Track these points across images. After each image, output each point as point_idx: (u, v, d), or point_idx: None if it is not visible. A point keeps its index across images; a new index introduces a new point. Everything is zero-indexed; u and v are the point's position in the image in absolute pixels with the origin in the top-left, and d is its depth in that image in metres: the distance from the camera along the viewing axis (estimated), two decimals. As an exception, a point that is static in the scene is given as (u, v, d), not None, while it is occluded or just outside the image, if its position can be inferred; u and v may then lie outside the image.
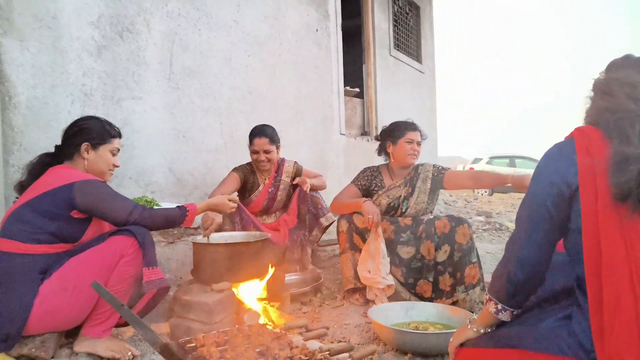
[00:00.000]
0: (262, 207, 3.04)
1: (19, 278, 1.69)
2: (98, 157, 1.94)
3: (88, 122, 1.96)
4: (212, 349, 1.24)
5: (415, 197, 2.70)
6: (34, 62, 2.43)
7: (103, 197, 1.81)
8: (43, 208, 1.75)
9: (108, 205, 1.80)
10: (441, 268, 2.49)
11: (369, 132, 6.33)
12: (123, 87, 2.93)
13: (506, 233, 4.90)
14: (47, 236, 1.75)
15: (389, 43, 6.79)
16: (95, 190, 1.81)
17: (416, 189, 2.71)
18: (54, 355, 1.78)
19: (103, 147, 1.95)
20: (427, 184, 2.71)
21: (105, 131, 1.96)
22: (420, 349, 1.83)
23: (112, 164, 2.00)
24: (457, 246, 2.45)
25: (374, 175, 2.81)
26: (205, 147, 3.56)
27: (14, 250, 1.72)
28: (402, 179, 2.75)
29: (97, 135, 1.93)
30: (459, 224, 2.48)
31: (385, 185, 2.76)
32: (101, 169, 1.96)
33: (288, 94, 4.50)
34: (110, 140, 1.97)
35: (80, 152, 1.91)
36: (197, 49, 3.47)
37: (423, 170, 2.75)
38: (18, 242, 1.72)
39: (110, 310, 1.78)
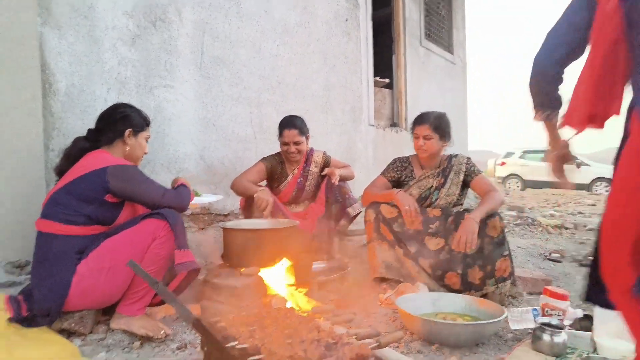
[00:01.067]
0: (290, 197, 3.06)
1: (58, 257, 1.77)
2: (137, 144, 2.05)
3: (129, 110, 2.05)
4: (241, 329, 1.27)
5: (447, 189, 2.65)
6: (72, 51, 2.51)
7: (137, 181, 1.88)
8: (78, 191, 1.82)
9: (143, 189, 1.88)
10: (470, 261, 2.44)
11: (398, 124, 6.26)
12: (155, 76, 2.99)
13: (539, 228, 4.77)
14: (83, 218, 1.82)
15: (420, 33, 6.67)
16: (129, 174, 1.88)
17: (448, 180, 2.65)
18: (91, 330, 1.86)
19: (141, 134, 2.06)
20: (460, 177, 2.65)
21: (143, 119, 2.08)
22: (448, 340, 1.81)
23: (144, 151, 2.11)
24: (488, 239, 2.40)
25: (404, 166, 2.77)
26: (235, 136, 3.60)
27: (53, 231, 1.79)
28: (432, 169, 2.70)
29: (138, 123, 2.04)
30: (490, 216, 2.43)
31: (416, 176, 2.72)
32: (138, 154, 2.07)
33: (317, 84, 4.49)
34: (146, 128, 2.09)
35: (123, 138, 1.99)
36: (228, 38, 3.51)
37: (457, 162, 2.69)
38: (56, 224, 1.80)
39: (144, 290, 1.85)
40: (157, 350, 1.78)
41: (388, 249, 2.57)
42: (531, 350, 1.76)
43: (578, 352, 1.75)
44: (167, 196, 1.92)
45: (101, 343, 1.81)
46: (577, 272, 3.13)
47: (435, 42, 7.27)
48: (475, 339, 1.82)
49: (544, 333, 1.73)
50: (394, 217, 2.55)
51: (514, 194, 10.04)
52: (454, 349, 1.79)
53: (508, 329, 1.99)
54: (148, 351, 1.77)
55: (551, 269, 3.23)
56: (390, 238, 2.57)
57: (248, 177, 2.85)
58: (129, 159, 2.01)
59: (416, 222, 2.55)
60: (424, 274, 2.51)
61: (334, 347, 1.16)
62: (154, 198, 1.89)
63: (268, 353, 1.11)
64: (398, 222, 2.55)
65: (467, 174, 2.65)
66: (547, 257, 3.52)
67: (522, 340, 1.89)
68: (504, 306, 2.18)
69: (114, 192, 1.84)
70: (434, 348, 1.80)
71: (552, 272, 3.12)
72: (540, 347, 1.73)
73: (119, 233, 1.84)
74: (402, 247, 2.56)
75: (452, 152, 2.78)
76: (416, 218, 2.51)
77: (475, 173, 2.66)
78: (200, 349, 1.65)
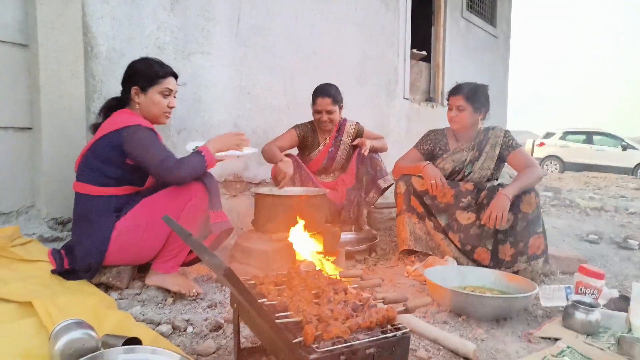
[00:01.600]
0: (321, 166, 3.07)
1: (96, 217, 1.84)
2: (148, 101, 1.90)
3: (136, 65, 1.93)
4: (270, 287, 1.29)
5: (481, 162, 2.58)
6: (113, 15, 2.55)
7: (141, 144, 1.80)
8: (100, 153, 1.83)
9: (144, 152, 1.80)
10: (502, 237, 2.40)
11: (434, 98, 6.12)
12: (193, 42, 3.01)
13: (576, 210, 4.61)
14: (112, 180, 1.86)
15: (462, 4, 6.42)
16: (136, 136, 1.80)
17: (483, 154, 2.58)
18: (127, 285, 1.95)
19: (152, 89, 1.89)
20: (496, 151, 2.56)
21: (152, 72, 1.89)
22: (475, 312, 1.79)
23: (167, 106, 1.94)
24: (522, 215, 2.34)
25: (438, 139, 2.70)
26: (269, 105, 3.61)
27: (88, 192, 1.86)
28: (468, 142, 2.63)
29: (144, 78, 1.88)
30: (525, 192, 2.36)
31: (450, 149, 2.65)
32: (154, 112, 1.92)
33: (352, 55, 4.42)
34: (159, 81, 1.89)
35: (132, 98, 1.91)
36: (264, 6, 3.47)
37: (493, 135, 2.59)
38: (89, 185, 1.86)
39: (179, 248, 1.92)
40: (189, 308, 1.85)
41: (417, 221, 2.55)
42: (562, 327, 1.72)
43: (611, 332, 1.70)
44: (164, 164, 1.78)
45: (136, 298, 1.89)
46: (615, 254, 3.02)
47: (477, 14, 6.98)
48: (503, 313, 1.80)
49: (576, 310, 1.69)
50: (425, 190, 2.52)
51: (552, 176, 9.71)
52: (481, 322, 1.78)
53: (539, 306, 1.95)
54: (180, 308, 1.84)
55: (587, 249, 3.13)
56: (421, 211, 2.55)
57: (278, 144, 2.85)
58: (147, 118, 1.93)
59: (447, 195, 2.51)
60: (453, 247, 2.49)
61: (361, 309, 1.17)
62: (152, 164, 1.78)
63: (295, 311, 1.13)
64: (428, 194, 2.52)
65: (504, 148, 2.55)
66: (584, 238, 3.41)
67: (553, 317, 1.85)
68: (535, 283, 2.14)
69: (131, 157, 1.82)
70: (461, 320, 1.80)
71: (588, 253, 3.02)
72: (571, 324, 1.69)
73: (157, 193, 1.89)
74: (432, 220, 2.54)
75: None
76: (443, 191, 2.47)
77: (512, 147, 2.54)
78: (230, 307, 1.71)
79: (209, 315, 1.76)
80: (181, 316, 1.71)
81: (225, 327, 1.65)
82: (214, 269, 0.94)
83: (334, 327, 1.03)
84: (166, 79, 1.92)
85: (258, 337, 1.27)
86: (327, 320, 1.07)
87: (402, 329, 1.10)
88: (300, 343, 1.00)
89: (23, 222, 2.27)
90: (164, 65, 1.95)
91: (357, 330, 1.07)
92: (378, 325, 1.11)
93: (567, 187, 6.92)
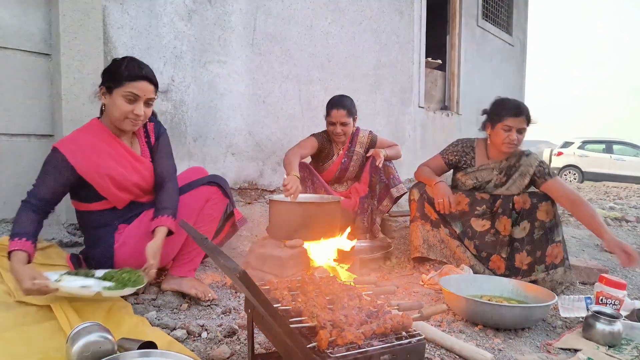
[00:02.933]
0: (333, 177, 3.07)
1: (93, 228, 1.87)
2: (111, 103, 1.71)
3: (110, 64, 1.75)
4: (284, 292, 1.29)
5: (506, 189, 2.46)
6: (133, 25, 2.61)
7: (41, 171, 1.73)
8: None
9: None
10: (518, 245, 2.35)
11: (450, 107, 6.09)
12: (210, 51, 3.06)
13: (596, 220, 4.52)
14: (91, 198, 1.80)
15: (477, 13, 6.40)
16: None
17: (510, 181, 2.45)
18: (144, 291, 1.97)
19: (116, 91, 1.69)
20: (525, 180, 2.42)
21: (119, 72, 1.67)
22: (492, 322, 1.76)
23: (131, 112, 1.70)
24: (539, 223, 2.30)
25: (465, 152, 2.57)
26: (284, 113, 3.64)
27: (84, 209, 1.87)
28: (498, 161, 2.48)
29: (111, 78, 1.69)
30: (542, 200, 2.31)
31: (476, 164, 2.53)
32: (115, 116, 1.72)
33: (367, 63, 4.43)
34: (124, 83, 1.67)
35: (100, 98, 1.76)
36: (280, 15, 3.52)
37: (525, 164, 2.42)
38: (81, 203, 1.86)
39: (195, 252, 1.94)
40: (203, 313, 1.85)
41: (431, 229, 2.52)
42: (582, 338, 1.68)
43: (634, 343, 1.66)
44: (26, 196, 1.70)
45: (152, 303, 1.91)
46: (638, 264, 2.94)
47: (493, 22, 6.95)
48: (521, 323, 1.77)
49: (597, 321, 1.65)
50: None
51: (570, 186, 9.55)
52: (498, 331, 1.75)
53: (558, 316, 1.91)
54: (194, 313, 1.85)
55: (608, 260, 3.06)
56: (435, 218, 2.52)
57: (302, 151, 2.85)
58: (113, 123, 1.78)
59: (462, 203, 2.48)
60: (469, 254, 2.46)
61: (375, 315, 1.16)
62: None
63: (310, 316, 1.13)
64: None
65: (537, 177, 2.40)
66: (605, 248, 3.33)
67: (573, 328, 1.81)
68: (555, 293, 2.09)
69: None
70: (477, 329, 1.77)
71: (609, 263, 2.96)
72: (592, 335, 1.65)
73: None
74: (447, 227, 2.51)
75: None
76: (453, 208, 2.43)
77: (546, 177, 2.38)
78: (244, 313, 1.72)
79: (223, 321, 1.76)
80: (196, 321, 1.72)
81: (240, 333, 1.65)
82: (228, 273, 0.94)
83: (348, 333, 1.02)
84: (134, 82, 1.67)
85: (272, 343, 1.27)
86: (341, 326, 1.06)
87: (417, 336, 1.08)
88: (314, 348, 0.99)
89: (43, 227, 2.32)
90: (138, 67, 1.71)
91: (372, 336, 1.06)
92: (392, 331, 1.10)
93: (587, 197, 6.79)
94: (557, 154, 13.88)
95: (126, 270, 1.68)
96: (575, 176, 13.19)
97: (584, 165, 13.20)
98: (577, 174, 13.18)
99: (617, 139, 13.75)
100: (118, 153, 1.82)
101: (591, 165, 13.06)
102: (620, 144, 13.44)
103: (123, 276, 1.64)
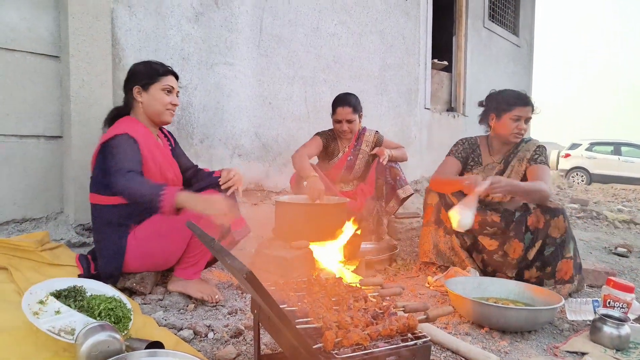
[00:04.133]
0: (339, 175, 3.08)
1: (109, 225, 1.87)
2: (150, 98, 1.91)
3: (135, 67, 1.97)
4: (290, 293, 1.30)
5: (506, 176, 2.42)
6: (140, 27, 2.63)
7: (111, 152, 1.78)
8: (98, 164, 1.86)
9: (110, 159, 1.78)
10: (529, 263, 2.31)
11: (456, 108, 6.07)
12: (216, 53, 3.07)
13: (604, 222, 4.48)
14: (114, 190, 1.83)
15: (483, 14, 6.38)
16: (110, 145, 1.79)
17: (509, 167, 2.43)
18: (151, 291, 1.98)
19: (153, 86, 1.91)
20: (523, 165, 2.40)
21: (152, 70, 1.92)
22: (498, 324, 1.76)
23: (169, 103, 1.94)
24: (550, 240, 2.23)
25: (472, 149, 2.54)
26: (290, 114, 3.65)
27: (97, 202, 1.89)
28: (501, 155, 2.48)
29: (145, 76, 1.91)
30: (554, 216, 2.22)
31: (483, 163, 2.51)
32: (157, 109, 1.93)
33: (373, 64, 4.43)
34: (159, 78, 1.92)
35: (134, 98, 1.92)
36: (286, 16, 3.53)
37: (524, 149, 2.41)
38: (97, 195, 1.88)
39: (200, 254, 1.94)
40: (210, 314, 1.86)
41: (443, 235, 2.49)
42: (589, 341, 1.67)
43: (642, 347, 1.65)
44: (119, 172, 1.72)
45: (159, 303, 1.92)
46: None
47: (499, 23, 6.93)
48: (528, 325, 1.76)
49: (604, 324, 1.64)
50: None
51: (578, 188, 9.48)
52: (504, 334, 1.74)
53: (565, 319, 1.90)
54: (201, 313, 1.86)
55: (616, 263, 3.03)
56: (449, 226, 2.48)
57: (308, 151, 2.87)
58: (152, 117, 1.95)
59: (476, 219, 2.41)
60: (476, 267, 2.42)
61: (381, 317, 1.17)
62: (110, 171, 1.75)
63: (315, 317, 1.14)
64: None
65: (530, 161, 2.39)
66: (613, 251, 3.31)
67: (580, 331, 1.80)
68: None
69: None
70: (483, 331, 1.76)
71: (617, 266, 2.93)
72: (599, 338, 1.64)
73: None
74: (459, 238, 2.47)
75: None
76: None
77: (535, 161, 2.38)
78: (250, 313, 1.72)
79: (230, 322, 1.77)
80: (202, 322, 1.73)
81: (246, 334, 1.66)
82: (235, 273, 0.95)
83: (354, 334, 1.03)
84: (167, 77, 1.93)
85: (278, 343, 1.27)
86: (347, 327, 1.07)
87: (423, 338, 1.09)
88: (320, 349, 1.00)
89: (52, 228, 2.35)
90: (164, 64, 1.98)
91: (377, 337, 1.07)
92: (398, 333, 1.10)
93: (595, 199, 6.74)
94: (565, 155, 13.78)
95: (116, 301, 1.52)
96: (583, 178, 13.09)
97: (592, 167, 13.09)
98: (585, 176, 13.08)
99: (625, 140, 13.64)
100: (158, 147, 1.98)
101: (599, 167, 12.96)
102: (629, 145, 13.33)
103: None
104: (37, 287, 1.48)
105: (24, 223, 2.29)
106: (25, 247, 1.95)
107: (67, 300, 1.48)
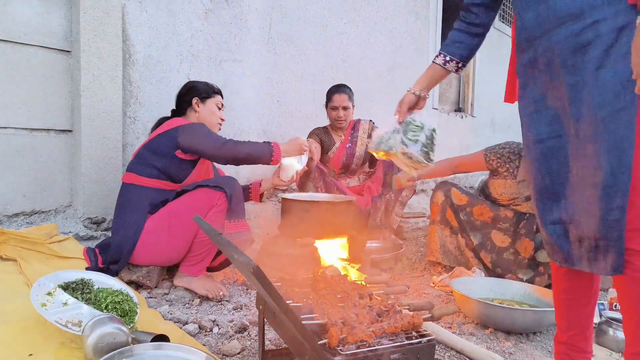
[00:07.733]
0: (342, 164, 3.11)
1: (134, 206, 1.96)
2: (207, 109, 2.18)
3: (194, 82, 2.24)
4: (295, 289, 1.31)
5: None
6: (151, 23, 2.64)
7: (200, 134, 2.00)
8: (154, 147, 2.01)
9: (203, 139, 1.98)
10: (542, 269, 2.30)
11: (464, 109, 6.04)
12: (225, 50, 3.08)
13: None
14: (156, 171, 2.00)
15: (494, 14, 6.34)
16: (195, 128, 2.02)
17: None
18: (157, 285, 2.00)
19: (209, 100, 2.19)
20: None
21: (209, 88, 2.22)
22: (503, 325, 1.76)
23: (220, 117, 2.22)
24: None
25: (511, 159, 2.38)
26: (298, 113, 3.65)
27: (131, 182, 2.00)
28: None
29: (203, 91, 2.19)
30: None
31: (518, 177, 2.38)
32: (210, 121, 2.18)
33: (381, 64, 4.42)
34: (214, 95, 2.22)
35: (192, 106, 2.16)
36: (295, 14, 3.53)
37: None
38: (133, 175, 2.00)
39: (205, 252, 1.97)
40: (215, 309, 1.88)
41: (449, 235, 2.49)
42: (595, 344, 1.66)
43: (648, 351, 1.63)
44: (226, 145, 1.97)
45: (165, 297, 1.94)
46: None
47: (509, 24, 6.87)
48: (532, 327, 1.75)
49: (610, 327, 1.63)
50: (462, 205, 2.45)
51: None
52: (509, 335, 1.74)
53: (570, 322, 1.89)
54: (206, 308, 1.88)
55: (623, 267, 3.00)
56: (455, 225, 2.48)
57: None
58: (208, 126, 2.15)
59: (484, 215, 2.41)
60: (482, 267, 2.41)
61: (386, 314, 1.17)
62: (213, 147, 1.96)
63: (321, 313, 1.14)
64: (465, 210, 2.45)
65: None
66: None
67: (585, 334, 1.79)
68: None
69: (183, 147, 1.98)
70: (488, 332, 1.76)
71: (624, 270, 2.90)
72: (605, 341, 1.64)
73: (179, 198, 1.97)
74: (465, 237, 2.47)
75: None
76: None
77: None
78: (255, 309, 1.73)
79: (235, 317, 1.78)
80: (207, 317, 1.74)
81: (250, 329, 1.67)
82: (241, 268, 0.96)
83: (359, 331, 1.03)
84: (218, 95, 2.24)
85: (282, 338, 1.28)
86: (351, 324, 1.07)
87: (428, 336, 1.09)
88: (325, 345, 1.00)
89: (61, 221, 2.37)
90: (213, 85, 2.26)
91: (382, 335, 1.07)
92: (403, 331, 1.10)
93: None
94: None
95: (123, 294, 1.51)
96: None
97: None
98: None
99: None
100: None
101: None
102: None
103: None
104: (45, 278, 1.49)
105: (33, 215, 2.32)
106: (34, 239, 1.98)
107: (74, 292, 1.50)
